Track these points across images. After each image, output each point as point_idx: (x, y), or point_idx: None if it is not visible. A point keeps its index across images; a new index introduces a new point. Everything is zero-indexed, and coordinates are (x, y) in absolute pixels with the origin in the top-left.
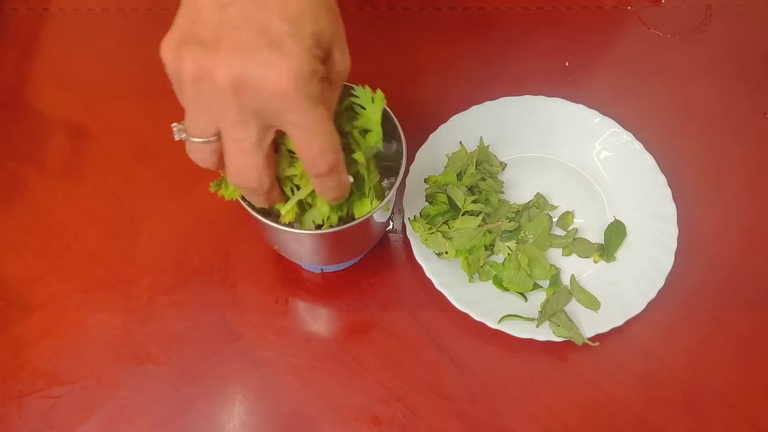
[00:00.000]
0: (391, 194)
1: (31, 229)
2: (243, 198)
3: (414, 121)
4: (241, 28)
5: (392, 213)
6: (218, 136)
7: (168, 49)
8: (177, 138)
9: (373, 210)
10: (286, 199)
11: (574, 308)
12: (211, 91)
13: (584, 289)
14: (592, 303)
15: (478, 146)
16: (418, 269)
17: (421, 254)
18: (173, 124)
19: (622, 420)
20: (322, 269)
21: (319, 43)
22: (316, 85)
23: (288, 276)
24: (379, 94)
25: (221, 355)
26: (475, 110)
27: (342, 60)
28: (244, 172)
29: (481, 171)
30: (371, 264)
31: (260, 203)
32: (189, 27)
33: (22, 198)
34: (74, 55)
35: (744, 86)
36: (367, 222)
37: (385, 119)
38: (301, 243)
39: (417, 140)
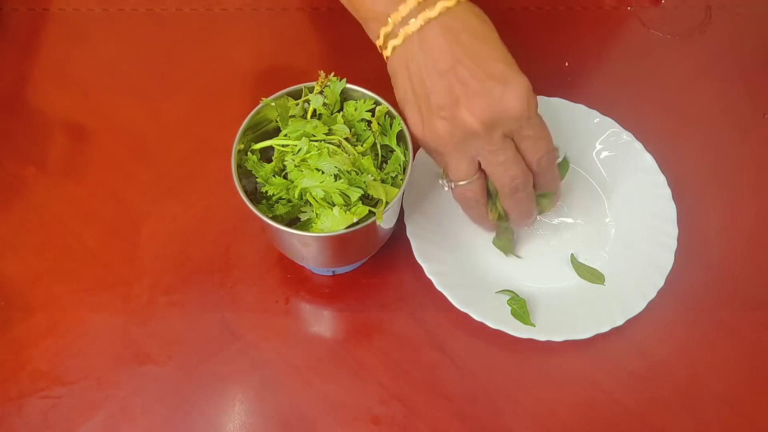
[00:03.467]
0: (399, 195)
1: (31, 229)
2: (251, 201)
3: None
4: (467, 82)
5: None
6: (480, 173)
7: (419, 130)
8: (446, 189)
9: (384, 209)
10: None
11: (574, 306)
12: (466, 135)
13: (586, 265)
14: (596, 277)
15: None
16: (418, 269)
17: (421, 254)
18: (440, 180)
19: (621, 420)
20: (333, 271)
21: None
22: (536, 97)
23: (288, 276)
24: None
25: (221, 356)
26: None
27: None
28: (518, 177)
29: None
30: (371, 264)
31: (531, 211)
32: (424, 102)
33: (22, 198)
34: (74, 55)
35: (744, 86)
36: (374, 224)
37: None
38: (307, 245)
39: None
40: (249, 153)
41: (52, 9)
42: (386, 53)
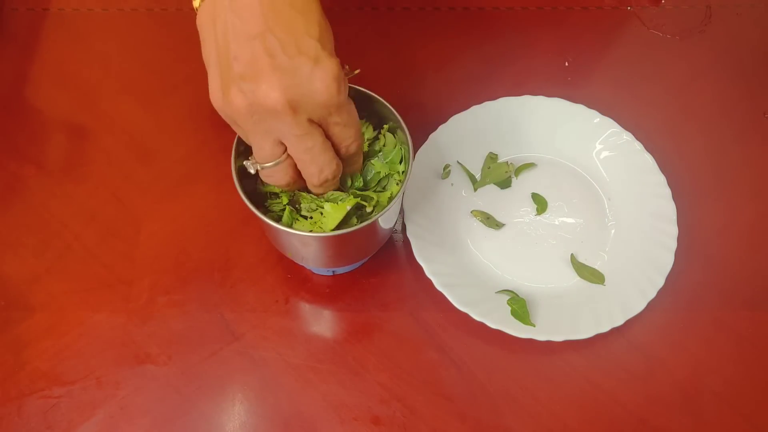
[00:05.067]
0: (399, 195)
1: (31, 229)
2: (250, 201)
3: (414, 121)
4: (275, 53)
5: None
6: (286, 153)
7: (217, 98)
8: (253, 171)
9: (381, 213)
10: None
11: (574, 306)
12: (268, 116)
13: (586, 265)
14: (596, 277)
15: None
16: (418, 269)
17: (422, 254)
18: (245, 162)
19: (621, 420)
20: (333, 271)
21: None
22: (347, 85)
23: (288, 276)
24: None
25: (221, 355)
26: (475, 110)
27: None
28: (326, 168)
29: None
30: (371, 264)
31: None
32: (226, 69)
33: (22, 198)
34: (74, 55)
35: (744, 86)
36: (374, 224)
37: (392, 122)
38: (307, 245)
39: (417, 140)
40: None
41: (52, 9)
42: (195, 4)
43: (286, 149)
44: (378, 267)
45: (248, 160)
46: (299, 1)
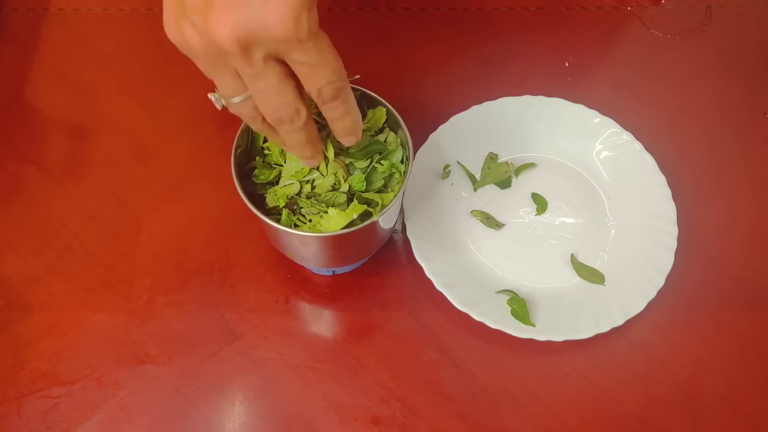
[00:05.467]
0: (399, 195)
1: (31, 229)
2: (250, 201)
3: (414, 121)
4: None
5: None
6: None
7: (170, 29)
8: (219, 106)
9: (381, 213)
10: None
11: (574, 306)
12: (221, 53)
13: (586, 265)
14: (596, 277)
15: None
16: (418, 269)
17: (422, 254)
18: (209, 95)
19: (621, 420)
20: (333, 271)
21: None
22: (314, 16)
23: (288, 276)
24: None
25: (221, 355)
26: (475, 110)
27: None
28: (280, 109)
29: None
30: (371, 264)
31: (305, 145)
32: (180, 3)
33: (22, 198)
34: (74, 55)
35: (744, 86)
36: (374, 224)
37: (392, 121)
38: (307, 245)
39: (417, 140)
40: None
41: (51, 9)
42: None
43: None
44: (378, 267)
45: (213, 93)
46: None
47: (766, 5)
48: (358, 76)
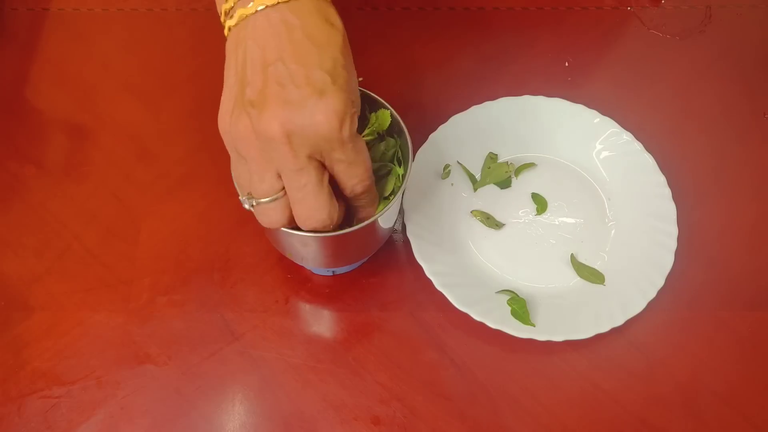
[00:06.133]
0: (399, 196)
1: (31, 229)
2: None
3: (414, 121)
4: (285, 83)
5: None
6: (284, 190)
7: (224, 120)
8: (248, 207)
9: (381, 212)
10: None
11: (574, 306)
12: (268, 145)
13: (586, 265)
14: (596, 277)
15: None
16: (418, 269)
17: (422, 254)
18: (240, 198)
19: (621, 420)
20: (333, 271)
21: (349, 86)
22: (355, 121)
23: (288, 276)
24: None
25: (221, 355)
26: (475, 110)
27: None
28: (315, 212)
29: None
30: (371, 264)
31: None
32: (240, 94)
33: (22, 198)
34: (74, 55)
35: (744, 86)
36: (374, 224)
37: (392, 122)
38: (307, 245)
39: (417, 140)
40: None
41: (51, 9)
42: (225, 31)
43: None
44: (378, 267)
45: (244, 196)
46: (319, 35)
47: (766, 5)
48: (361, 79)
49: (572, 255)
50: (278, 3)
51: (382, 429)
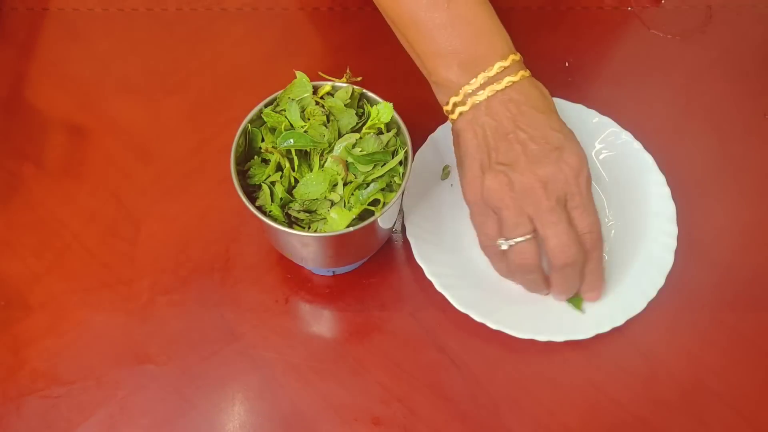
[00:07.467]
0: (399, 196)
1: (30, 229)
2: (248, 199)
3: (414, 122)
4: (527, 144)
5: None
6: (535, 232)
7: (475, 184)
8: (505, 248)
9: (381, 213)
10: None
11: (572, 307)
12: (523, 194)
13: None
14: (576, 302)
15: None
16: (418, 270)
17: (422, 255)
18: (499, 241)
19: (622, 420)
20: (333, 271)
21: (577, 139)
22: (589, 170)
23: (288, 276)
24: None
25: (221, 355)
26: None
27: None
28: (567, 246)
29: None
30: (371, 264)
31: (564, 293)
32: (486, 159)
33: (22, 197)
34: (74, 55)
35: (744, 86)
36: (374, 224)
37: (392, 122)
38: (307, 245)
39: (417, 140)
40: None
41: (51, 8)
42: (452, 116)
43: (534, 228)
44: (378, 267)
45: (500, 238)
46: (541, 105)
47: (767, 5)
48: (360, 78)
49: None
50: (505, 88)
51: (383, 429)
